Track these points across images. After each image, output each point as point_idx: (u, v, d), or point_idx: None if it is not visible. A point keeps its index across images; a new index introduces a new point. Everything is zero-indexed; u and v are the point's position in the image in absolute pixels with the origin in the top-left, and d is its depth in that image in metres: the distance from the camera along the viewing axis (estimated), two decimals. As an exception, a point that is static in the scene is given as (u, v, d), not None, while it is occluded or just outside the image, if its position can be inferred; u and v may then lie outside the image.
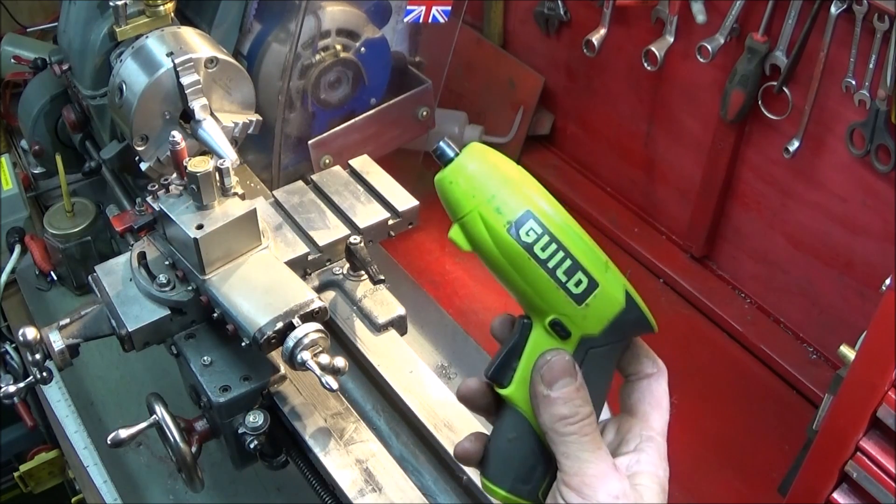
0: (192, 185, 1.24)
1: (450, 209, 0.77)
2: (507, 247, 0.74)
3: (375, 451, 1.20)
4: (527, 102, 2.18)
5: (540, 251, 0.74)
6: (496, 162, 0.76)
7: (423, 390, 1.24)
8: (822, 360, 1.76)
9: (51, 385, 1.57)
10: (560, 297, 0.75)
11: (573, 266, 0.74)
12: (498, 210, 0.74)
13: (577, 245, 0.75)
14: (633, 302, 0.78)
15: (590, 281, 0.75)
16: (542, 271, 0.74)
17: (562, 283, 0.75)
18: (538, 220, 0.74)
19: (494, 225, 0.74)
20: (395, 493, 1.15)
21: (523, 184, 0.76)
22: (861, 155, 1.49)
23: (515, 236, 0.74)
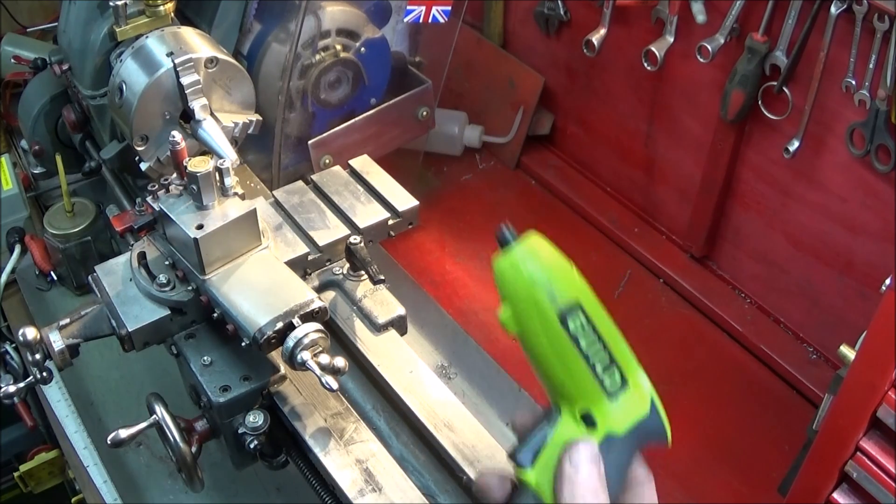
0: (192, 185, 1.24)
1: (504, 292, 0.82)
2: (556, 335, 0.78)
3: (375, 451, 1.20)
4: (527, 102, 2.18)
5: (584, 343, 0.79)
6: (551, 253, 0.81)
7: (423, 390, 1.24)
8: (822, 360, 1.76)
9: (51, 385, 1.57)
10: (595, 389, 0.79)
11: (612, 364, 0.79)
12: (551, 299, 0.78)
13: (615, 343, 0.80)
14: (656, 412, 0.81)
15: (623, 379, 0.80)
16: (584, 363, 0.78)
17: (599, 377, 0.79)
18: (586, 314, 0.79)
19: (546, 312, 0.78)
20: (395, 493, 1.15)
21: (573, 277, 0.80)
22: (861, 155, 1.49)
23: (564, 326, 0.78)
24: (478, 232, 2.09)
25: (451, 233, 2.09)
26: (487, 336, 1.84)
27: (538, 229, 2.18)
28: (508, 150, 2.25)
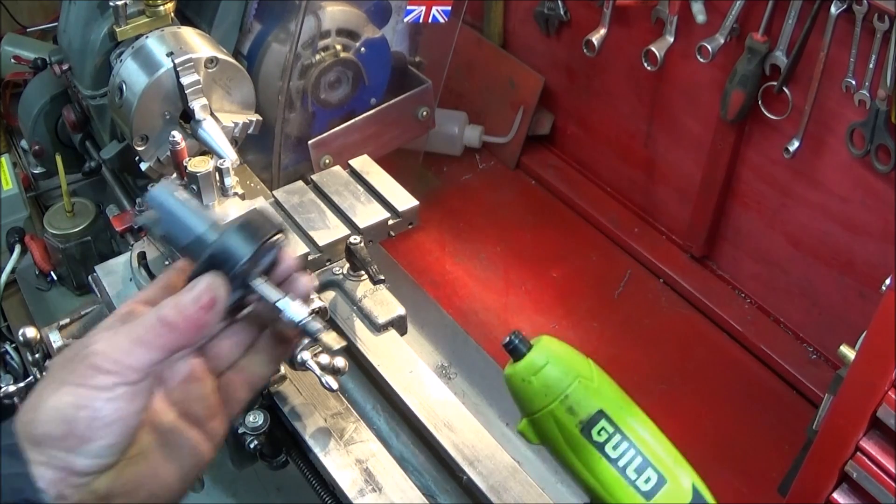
0: (192, 185, 1.24)
1: (520, 405, 0.78)
2: (579, 445, 0.76)
3: (375, 451, 1.20)
4: (527, 102, 2.18)
5: (611, 450, 0.75)
6: (567, 358, 0.77)
7: (423, 390, 1.24)
8: (822, 360, 1.75)
9: (51, 385, 1.57)
10: (630, 494, 0.76)
11: (643, 463, 0.76)
12: (570, 410, 0.75)
13: (645, 441, 0.76)
14: (700, 494, 0.78)
15: (659, 477, 0.76)
16: (614, 470, 0.75)
17: (632, 480, 0.76)
18: (610, 420, 0.76)
19: (567, 425, 0.75)
20: (395, 493, 1.15)
21: (594, 379, 0.77)
22: (861, 155, 1.49)
23: (587, 436, 0.75)
24: (478, 232, 2.09)
25: (451, 233, 2.09)
26: (487, 336, 1.84)
27: (538, 229, 2.18)
28: (508, 150, 2.25)
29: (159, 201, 0.79)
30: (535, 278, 1.99)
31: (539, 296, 1.95)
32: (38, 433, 0.70)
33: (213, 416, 0.81)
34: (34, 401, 0.71)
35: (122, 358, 0.71)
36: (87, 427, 0.70)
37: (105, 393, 0.70)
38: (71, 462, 0.70)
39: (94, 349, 0.71)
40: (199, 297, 0.75)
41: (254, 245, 0.76)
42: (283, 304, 0.78)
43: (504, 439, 1.48)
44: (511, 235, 2.08)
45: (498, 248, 2.05)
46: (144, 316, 0.74)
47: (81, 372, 0.71)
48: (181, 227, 0.78)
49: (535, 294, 1.95)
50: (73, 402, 0.70)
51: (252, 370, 0.84)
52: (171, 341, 0.74)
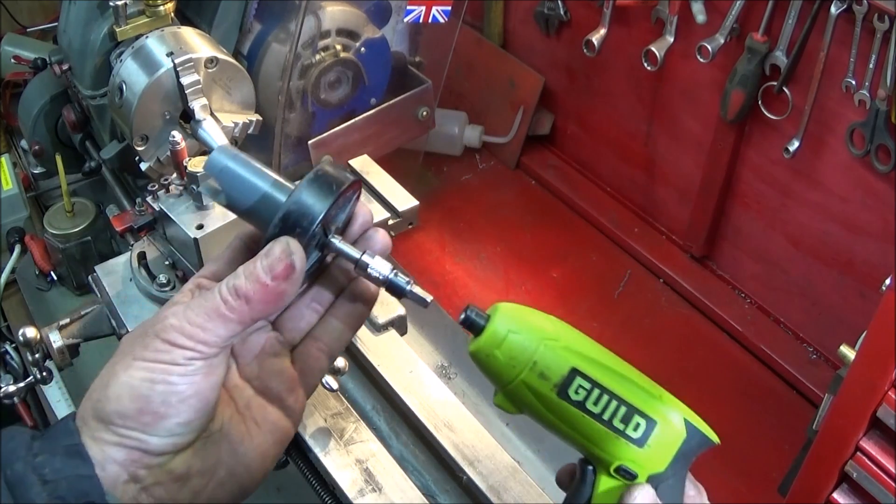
0: (192, 185, 1.24)
1: (491, 379, 0.74)
2: (559, 408, 0.72)
3: (375, 451, 1.20)
4: (527, 102, 2.18)
5: (592, 406, 0.72)
6: (529, 321, 0.74)
7: (423, 390, 1.24)
8: (822, 360, 1.76)
9: (51, 385, 1.57)
10: (621, 444, 0.73)
11: (629, 411, 0.73)
12: (542, 375, 0.72)
13: (627, 388, 0.73)
14: (694, 427, 0.76)
15: (648, 421, 0.73)
16: (599, 424, 0.72)
17: (620, 431, 0.73)
18: (585, 376, 0.72)
19: (542, 390, 0.72)
20: (395, 493, 1.15)
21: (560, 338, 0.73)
22: (861, 155, 1.49)
23: (565, 397, 0.72)
24: (478, 232, 2.09)
25: (451, 233, 2.09)
26: (487, 336, 1.84)
27: (538, 229, 2.18)
28: (508, 150, 2.25)
29: (220, 166, 0.73)
30: (535, 278, 1.99)
31: (539, 296, 1.95)
32: (109, 411, 0.67)
33: (292, 390, 0.78)
34: (103, 379, 0.69)
35: (196, 332, 0.68)
36: (162, 402, 0.67)
37: (180, 367, 0.68)
38: (145, 441, 0.67)
39: (167, 324, 0.68)
40: (274, 265, 0.69)
41: (328, 200, 0.70)
42: (366, 259, 0.73)
43: (504, 439, 1.49)
44: (511, 235, 2.08)
45: (498, 248, 2.05)
46: (217, 287, 0.70)
47: (155, 347, 0.68)
48: (245, 188, 0.72)
49: (535, 294, 1.95)
50: (148, 377, 0.67)
51: (330, 337, 0.80)
52: (247, 313, 0.70)
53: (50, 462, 0.67)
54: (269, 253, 0.70)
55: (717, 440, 0.77)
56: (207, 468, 0.72)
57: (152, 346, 0.68)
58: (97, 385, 0.70)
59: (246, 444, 0.75)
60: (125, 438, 0.67)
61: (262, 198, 0.72)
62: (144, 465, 0.68)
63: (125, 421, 0.67)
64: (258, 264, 0.70)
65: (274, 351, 0.78)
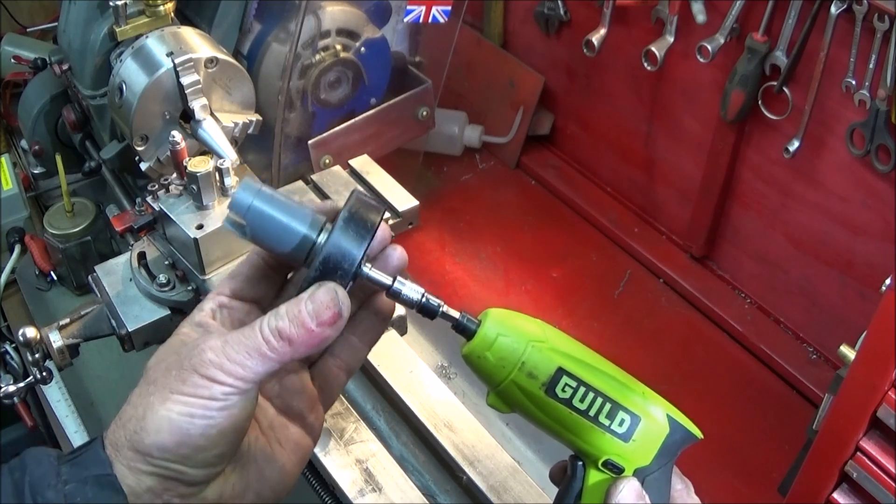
0: (192, 185, 1.24)
1: (483, 380, 0.78)
2: (547, 405, 0.77)
3: (375, 451, 1.20)
4: (527, 102, 2.18)
5: (579, 402, 0.77)
6: (517, 325, 0.77)
7: (423, 390, 1.24)
8: (822, 360, 1.75)
9: (51, 385, 1.57)
10: (607, 439, 0.77)
11: (614, 407, 0.77)
12: (530, 375, 0.76)
13: (611, 386, 0.77)
14: (676, 422, 0.80)
15: (632, 417, 0.77)
16: (586, 420, 0.77)
17: (606, 426, 0.77)
18: (571, 375, 0.76)
19: (531, 389, 0.76)
20: (395, 493, 1.15)
21: (547, 340, 0.77)
22: (861, 155, 1.49)
23: (552, 395, 0.76)
24: (478, 232, 2.09)
25: (451, 233, 2.09)
26: (487, 336, 1.84)
27: (538, 229, 2.19)
28: (508, 150, 2.25)
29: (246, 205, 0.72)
30: (535, 278, 1.99)
31: (539, 296, 1.95)
32: (148, 444, 0.68)
33: (312, 408, 0.80)
34: (138, 410, 0.69)
35: (235, 369, 0.69)
36: (201, 436, 0.68)
37: (219, 402, 0.68)
38: (183, 472, 0.69)
39: (206, 359, 0.69)
40: (321, 313, 0.70)
41: (366, 240, 0.71)
42: (398, 286, 0.75)
43: (504, 439, 1.49)
44: (511, 235, 2.08)
45: (498, 248, 2.05)
46: (259, 324, 0.70)
47: (193, 382, 0.69)
48: (279, 231, 0.72)
49: (535, 294, 1.95)
50: (187, 411, 0.68)
51: (348, 354, 0.82)
52: (289, 354, 0.70)
53: (81, 491, 0.68)
54: (315, 299, 0.70)
55: (700, 435, 0.82)
56: (237, 493, 0.74)
57: (190, 380, 0.69)
58: (131, 414, 0.70)
59: (271, 466, 0.77)
60: (163, 469, 0.69)
61: (300, 243, 0.73)
62: (179, 495, 0.70)
63: (164, 454, 0.68)
64: (303, 309, 0.70)
65: (294, 369, 0.79)
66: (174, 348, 0.73)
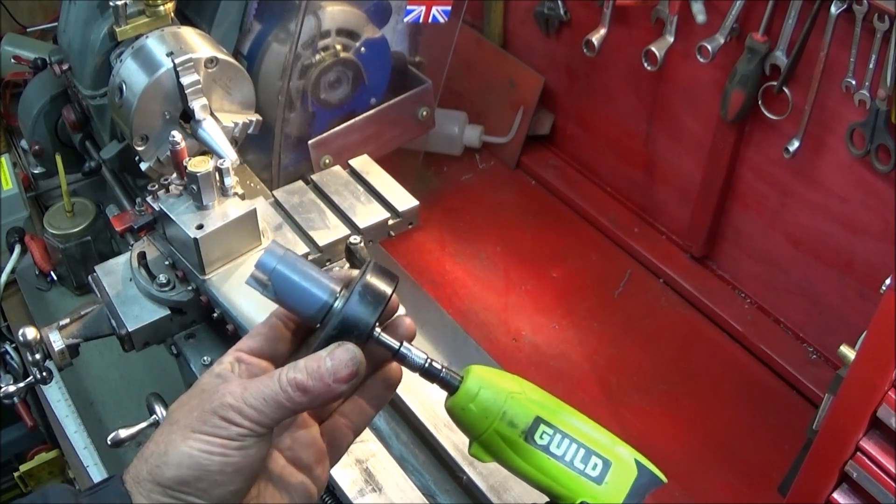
0: (192, 185, 1.24)
1: (466, 431, 0.84)
2: (526, 452, 0.82)
3: (375, 451, 1.20)
4: (527, 102, 2.18)
5: (556, 448, 0.83)
6: (497, 380, 0.84)
7: (423, 390, 1.24)
8: (822, 360, 1.75)
9: (51, 385, 1.57)
10: (582, 482, 0.83)
11: (587, 452, 0.83)
12: (511, 423, 0.82)
13: (584, 434, 0.84)
14: (644, 466, 0.85)
15: (604, 461, 0.84)
16: (562, 465, 0.83)
17: (581, 470, 0.83)
18: (548, 423, 0.83)
19: (511, 437, 0.82)
20: (395, 493, 1.15)
21: (525, 393, 0.84)
22: (861, 155, 1.49)
23: (532, 441, 0.82)
24: (478, 232, 2.09)
25: (451, 233, 2.09)
26: (487, 336, 1.84)
27: (538, 229, 2.19)
28: (508, 150, 2.25)
29: (270, 268, 0.80)
30: (535, 278, 1.99)
31: (539, 296, 1.95)
32: (168, 477, 0.74)
33: (319, 461, 0.85)
34: (160, 446, 0.75)
35: (252, 414, 0.75)
36: (219, 472, 0.74)
37: (236, 443, 0.74)
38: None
39: (226, 402, 0.75)
40: (339, 371, 0.76)
41: (379, 308, 0.78)
42: (404, 351, 0.82)
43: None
44: (511, 235, 2.08)
45: (498, 248, 2.05)
46: (278, 375, 0.77)
47: (214, 423, 0.74)
48: (301, 295, 0.79)
49: (535, 294, 1.95)
50: (206, 448, 0.74)
51: (356, 416, 0.87)
52: (304, 405, 0.76)
53: None
54: (335, 356, 0.77)
55: (664, 479, 0.87)
56: None
57: (210, 421, 0.75)
58: (153, 450, 0.76)
59: None
60: (180, 502, 0.74)
61: (319, 306, 0.80)
62: None
63: (183, 487, 0.74)
64: (323, 365, 0.76)
65: (305, 424, 0.85)
66: (195, 394, 0.79)
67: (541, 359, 1.81)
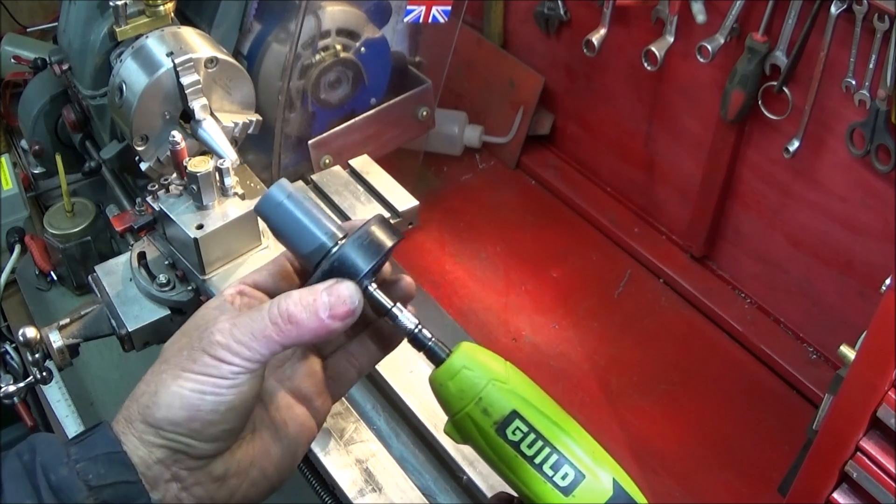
0: (192, 185, 1.24)
1: (443, 408, 0.81)
2: (495, 444, 0.79)
3: (375, 451, 1.20)
4: (527, 102, 2.18)
5: (526, 448, 0.79)
6: (484, 362, 0.80)
7: (423, 390, 1.24)
8: (822, 360, 1.75)
9: (51, 385, 1.57)
10: (548, 489, 0.79)
11: (559, 460, 0.79)
12: (485, 411, 0.79)
13: (562, 439, 0.79)
14: (621, 489, 0.80)
15: (577, 472, 0.79)
16: (529, 466, 0.79)
17: (548, 476, 0.79)
18: (524, 420, 0.79)
19: (483, 425, 0.79)
20: (395, 493, 1.15)
21: (510, 382, 0.80)
22: (861, 155, 1.49)
23: (502, 435, 0.79)
24: (478, 232, 2.09)
25: (451, 233, 2.09)
26: (487, 336, 1.84)
27: (538, 229, 2.19)
28: (508, 150, 2.25)
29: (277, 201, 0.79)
30: (535, 278, 1.99)
31: (539, 296, 1.95)
32: (159, 417, 0.72)
33: (320, 393, 0.83)
34: (150, 386, 0.74)
35: (241, 350, 0.73)
36: (211, 411, 0.72)
37: (227, 381, 0.72)
38: (191, 445, 0.72)
39: (214, 340, 0.73)
40: (336, 306, 0.74)
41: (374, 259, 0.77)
42: (395, 311, 0.81)
43: (504, 439, 1.48)
44: (511, 235, 2.08)
45: (498, 248, 2.05)
46: (267, 307, 0.74)
47: (204, 362, 0.72)
48: (301, 235, 0.79)
49: (535, 294, 1.96)
50: (198, 388, 0.72)
51: (362, 355, 0.86)
52: (294, 338, 0.74)
53: (93, 468, 0.71)
54: (333, 291, 0.74)
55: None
56: (243, 469, 0.77)
57: (200, 360, 0.73)
58: (144, 390, 0.74)
59: (276, 444, 0.80)
60: (172, 442, 0.72)
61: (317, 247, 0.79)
62: (187, 467, 0.73)
63: (175, 427, 0.72)
64: (319, 298, 0.74)
65: (306, 355, 0.83)
66: (189, 330, 0.77)
67: (541, 359, 1.81)
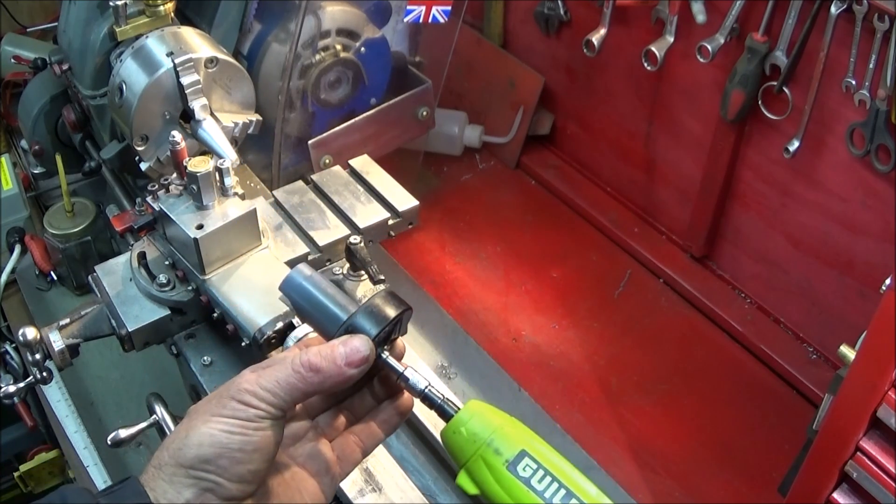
0: (192, 185, 1.24)
1: (454, 456, 0.88)
2: (508, 482, 0.85)
3: (375, 451, 1.20)
4: (527, 102, 2.18)
5: (537, 483, 0.84)
6: (490, 413, 0.88)
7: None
8: (822, 360, 1.76)
9: (51, 385, 1.57)
10: None
11: (567, 494, 0.84)
12: (497, 451, 0.85)
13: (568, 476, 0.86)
14: None
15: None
16: (540, 500, 0.84)
17: None
18: (532, 458, 0.85)
19: (495, 464, 0.85)
20: (395, 493, 1.15)
21: (515, 428, 0.88)
22: (861, 155, 1.49)
23: (514, 472, 0.85)
24: (478, 232, 2.09)
25: (451, 233, 2.09)
26: (487, 336, 1.84)
27: (538, 229, 2.19)
28: (508, 150, 2.25)
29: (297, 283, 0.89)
30: (535, 278, 1.99)
31: (539, 296, 1.95)
32: (190, 456, 0.78)
33: (328, 471, 0.90)
34: (181, 433, 0.80)
35: (267, 396, 0.80)
36: (239, 450, 0.78)
37: (254, 423, 0.79)
38: (219, 484, 0.78)
39: (243, 388, 0.80)
40: (352, 355, 0.82)
41: (379, 325, 0.85)
42: (407, 374, 0.88)
43: (504, 439, 1.48)
44: (511, 235, 2.08)
45: (498, 248, 2.05)
46: (290, 359, 0.82)
47: (232, 406, 0.79)
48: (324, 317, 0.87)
49: (535, 294, 1.96)
50: (226, 429, 0.78)
51: (367, 437, 0.93)
52: (315, 386, 0.81)
53: None
54: (347, 344, 0.83)
55: None
56: None
57: (229, 405, 0.79)
58: (174, 438, 0.80)
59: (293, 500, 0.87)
60: (200, 481, 0.78)
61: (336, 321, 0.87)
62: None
63: (204, 465, 0.78)
64: (337, 350, 0.82)
65: (315, 437, 0.90)
66: (212, 394, 0.83)
67: (541, 359, 1.81)
